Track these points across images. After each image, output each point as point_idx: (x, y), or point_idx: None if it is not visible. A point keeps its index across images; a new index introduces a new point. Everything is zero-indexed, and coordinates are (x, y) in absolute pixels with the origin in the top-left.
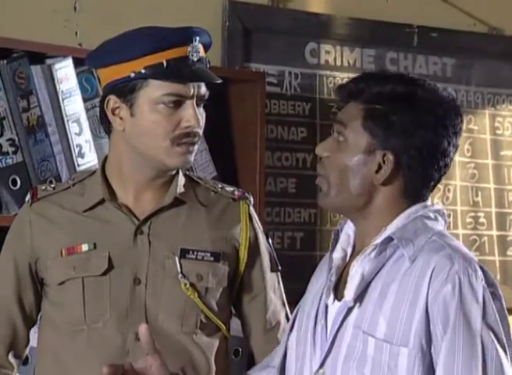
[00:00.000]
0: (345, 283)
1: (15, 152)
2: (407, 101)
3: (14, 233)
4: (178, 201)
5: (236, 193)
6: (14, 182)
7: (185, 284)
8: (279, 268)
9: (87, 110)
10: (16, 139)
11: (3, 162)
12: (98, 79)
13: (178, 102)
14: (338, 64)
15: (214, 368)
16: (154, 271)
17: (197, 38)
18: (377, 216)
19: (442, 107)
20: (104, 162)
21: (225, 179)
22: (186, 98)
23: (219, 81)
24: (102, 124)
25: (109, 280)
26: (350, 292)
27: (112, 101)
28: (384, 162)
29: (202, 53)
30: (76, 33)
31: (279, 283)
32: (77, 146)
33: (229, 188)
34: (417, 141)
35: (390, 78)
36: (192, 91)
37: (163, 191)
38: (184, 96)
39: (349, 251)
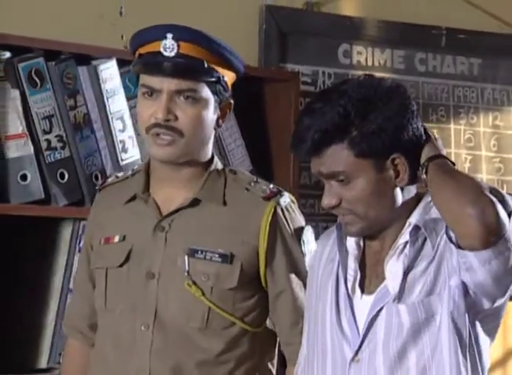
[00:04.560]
0: (370, 278)
1: (63, 148)
2: (370, 107)
3: (87, 219)
4: (198, 201)
5: (268, 192)
6: (62, 175)
7: (188, 283)
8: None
9: (130, 108)
10: (64, 135)
11: (52, 156)
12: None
13: (155, 94)
14: (369, 64)
15: (229, 356)
16: (166, 267)
17: (170, 35)
18: (399, 213)
19: (391, 92)
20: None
21: (261, 173)
22: (157, 91)
23: (186, 79)
24: None
25: (127, 272)
26: (394, 286)
27: None
28: (396, 165)
29: (184, 50)
30: (122, 37)
31: (303, 286)
32: (121, 142)
33: (265, 186)
34: (404, 130)
35: (333, 102)
36: (160, 84)
37: (190, 188)
38: (155, 89)
39: (361, 245)
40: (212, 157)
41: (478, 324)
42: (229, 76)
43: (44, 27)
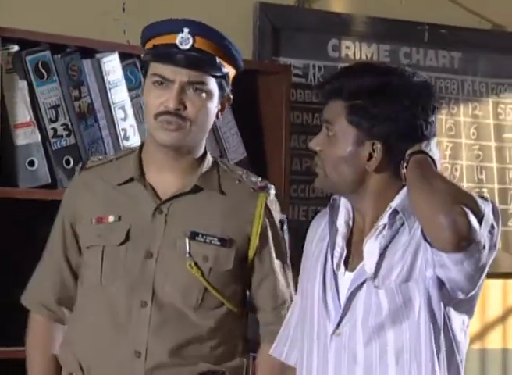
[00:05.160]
0: (353, 256)
1: (68, 135)
2: (384, 91)
3: (64, 198)
4: (198, 188)
5: (258, 184)
6: (67, 162)
7: (190, 264)
8: (288, 261)
9: (132, 98)
10: (69, 124)
11: (58, 144)
12: (142, 71)
13: (165, 84)
14: (357, 58)
15: (216, 335)
16: (165, 248)
17: (186, 29)
18: (372, 197)
19: (415, 90)
20: (143, 143)
21: (255, 160)
22: (170, 81)
23: (196, 71)
24: None
25: (125, 251)
26: (370, 266)
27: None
28: (374, 150)
29: (198, 44)
30: (124, 32)
31: (286, 268)
32: (123, 130)
33: (254, 178)
34: (400, 126)
35: (365, 72)
36: (173, 75)
37: (187, 176)
38: (167, 78)
39: (350, 224)
40: (205, 150)
41: (451, 309)
42: (231, 73)
43: (51, 22)
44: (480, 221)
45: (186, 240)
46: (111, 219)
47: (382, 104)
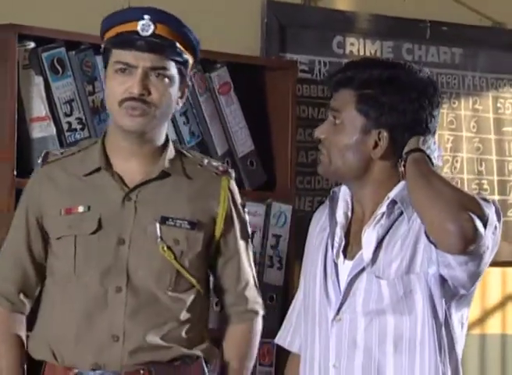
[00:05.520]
0: (352, 245)
1: (82, 129)
2: (393, 83)
3: (27, 191)
4: (165, 174)
5: (220, 168)
6: None
7: (162, 247)
8: (250, 237)
9: None
10: (83, 118)
11: (72, 137)
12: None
13: (128, 70)
14: (361, 54)
15: (188, 318)
16: (137, 234)
17: (147, 16)
18: (374, 185)
19: (422, 85)
20: (105, 133)
21: (262, 152)
22: (133, 67)
23: (158, 56)
24: None
25: (97, 239)
26: (367, 255)
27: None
28: (380, 139)
29: (159, 31)
30: None
31: (249, 249)
32: None
33: (215, 163)
34: (407, 117)
35: (375, 65)
36: (136, 61)
37: (152, 162)
38: (130, 65)
39: (349, 215)
40: (167, 137)
41: (452, 305)
42: (190, 61)
43: (66, 20)
44: (485, 224)
45: (157, 225)
46: (80, 209)
47: (391, 95)
